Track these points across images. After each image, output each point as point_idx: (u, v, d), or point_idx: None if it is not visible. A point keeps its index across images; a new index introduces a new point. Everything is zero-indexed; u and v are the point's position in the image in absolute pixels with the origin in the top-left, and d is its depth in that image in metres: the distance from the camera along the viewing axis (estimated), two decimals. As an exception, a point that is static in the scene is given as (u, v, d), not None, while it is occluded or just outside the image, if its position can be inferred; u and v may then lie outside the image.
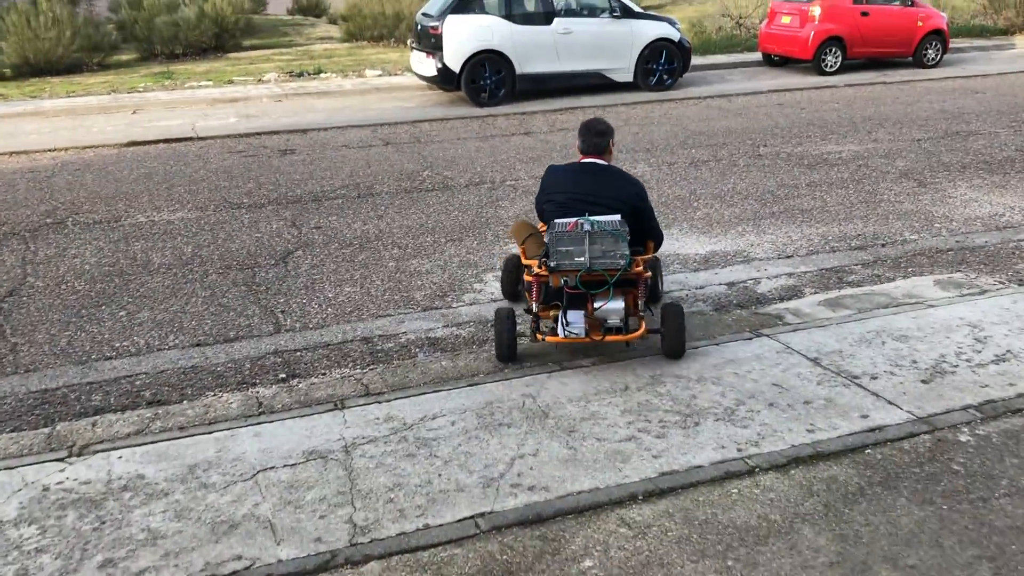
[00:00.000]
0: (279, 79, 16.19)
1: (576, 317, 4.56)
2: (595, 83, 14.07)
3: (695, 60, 16.58)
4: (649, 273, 4.77)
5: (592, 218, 4.50)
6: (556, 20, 13.54)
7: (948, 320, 5.01)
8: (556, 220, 4.62)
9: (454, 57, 13.06)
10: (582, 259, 4.43)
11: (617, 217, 4.54)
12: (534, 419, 4.10)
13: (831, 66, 15.47)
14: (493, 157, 10.09)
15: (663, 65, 14.24)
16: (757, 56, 17.25)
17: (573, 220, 4.53)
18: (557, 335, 4.57)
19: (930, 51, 16.03)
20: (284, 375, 4.87)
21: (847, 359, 4.59)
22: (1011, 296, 5.31)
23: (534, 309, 4.74)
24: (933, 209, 7.60)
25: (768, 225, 7.34)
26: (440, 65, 13.12)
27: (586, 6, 14.15)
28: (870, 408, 4.09)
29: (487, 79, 13.27)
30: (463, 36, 13.04)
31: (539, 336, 4.65)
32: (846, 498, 3.43)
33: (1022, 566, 3.03)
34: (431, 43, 13.28)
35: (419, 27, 13.99)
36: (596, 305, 4.52)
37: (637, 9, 14.30)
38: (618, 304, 4.53)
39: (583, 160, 4.90)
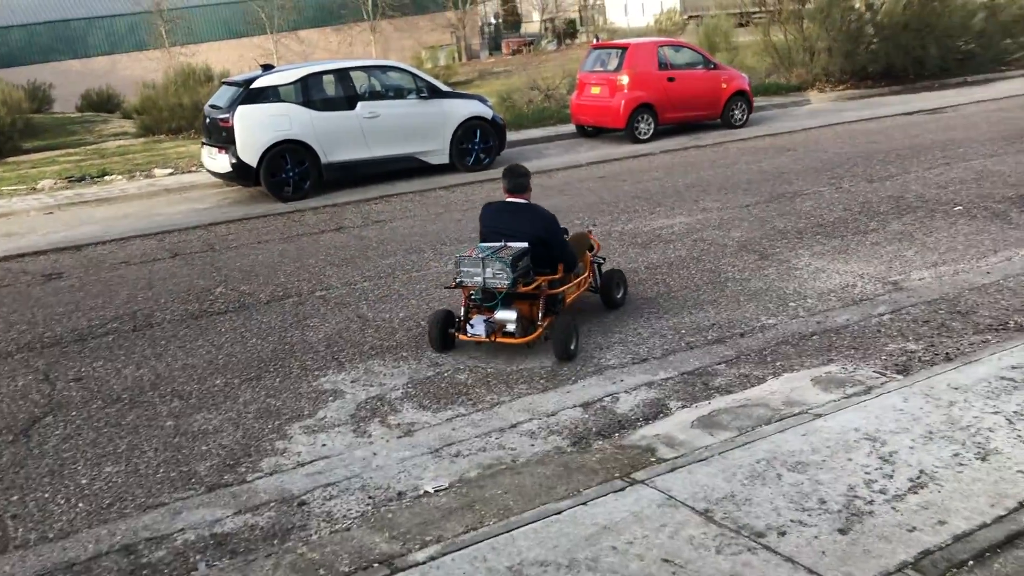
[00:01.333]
0: (54, 187, 14.31)
1: (478, 322, 5.82)
2: (411, 167, 13.19)
3: (510, 136, 16.08)
4: (556, 290, 5.97)
5: (496, 245, 5.85)
6: (360, 104, 12.59)
7: (843, 434, 4.25)
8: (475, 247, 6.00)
9: (249, 150, 11.81)
10: (479, 278, 5.75)
11: (525, 244, 5.83)
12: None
13: (645, 133, 15.33)
14: (300, 262, 8.88)
15: (479, 144, 13.56)
16: (571, 128, 16.97)
17: (473, 248, 5.99)
18: (468, 334, 5.84)
19: (736, 112, 16.26)
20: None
21: (743, 507, 3.71)
22: (899, 393, 4.65)
23: (462, 314, 5.99)
24: (783, 285, 7.05)
25: (613, 321, 6.53)
26: (234, 160, 11.82)
27: (392, 88, 13.33)
28: (787, 581, 3.20)
29: (289, 172, 12.09)
30: (257, 127, 11.84)
31: (460, 335, 5.91)
32: None
33: None
34: (222, 137, 11.99)
35: (207, 120, 12.67)
36: (497, 315, 5.78)
37: (445, 88, 13.62)
38: (510, 314, 5.76)
39: (506, 199, 6.16)
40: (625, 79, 15.10)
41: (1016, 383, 4.63)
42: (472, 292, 5.92)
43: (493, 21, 64.79)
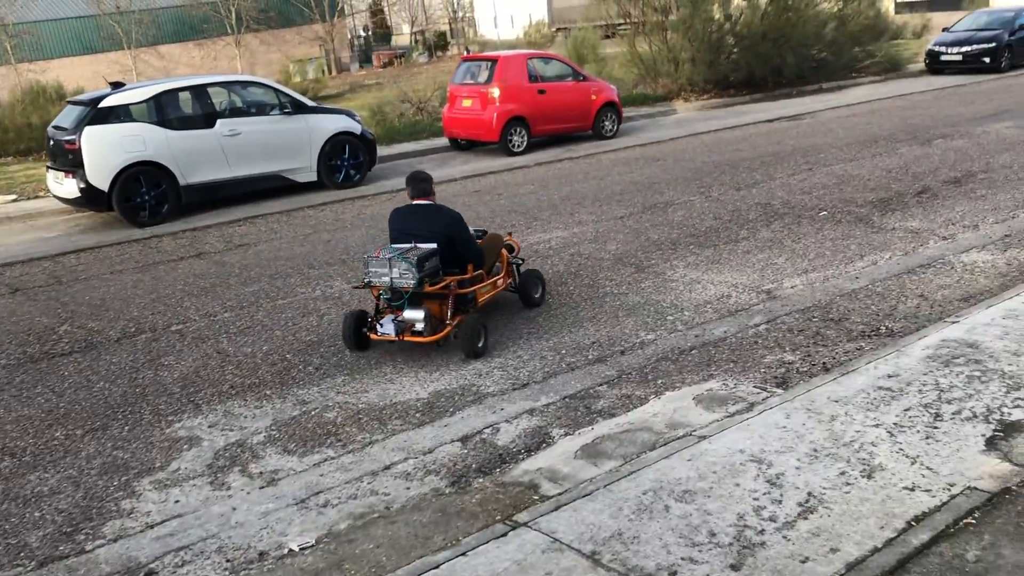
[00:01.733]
0: None
1: (387, 322, 5.96)
2: (277, 186, 12.62)
3: (382, 150, 15.71)
4: (465, 289, 6.16)
5: (405, 246, 6.01)
6: (220, 122, 11.96)
7: (729, 457, 4.12)
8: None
9: (100, 174, 11.01)
10: (386, 278, 5.90)
11: (433, 245, 6.02)
12: None
13: (518, 146, 15.22)
14: (155, 293, 8.26)
15: (348, 160, 13.12)
16: (444, 141, 16.70)
17: (380, 248, 6.13)
18: (379, 333, 5.99)
19: (607, 123, 16.36)
20: None
21: (632, 546, 3.50)
22: (781, 409, 4.57)
23: (372, 314, 6.18)
24: (660, 298, 6.97)
25: (492, 343, 6.28)
26: (83, 185, 11.00)
27: (253, 104, 12.73)
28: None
29: (145, 195, 11.34)
30: (108, 149, 11.05)
31: (371, 334, 6.06)
32: None
33: None
34: (69, 160, 11.14)
35: (52, 143, 11.77)
36: (405, 314, 5.94)
37: (311, 103, 13.12)
38: (418, 313, 5.93)
39: (412, 203, 6.37)
40: (496, 92, 14.95)
41: (893, 392, 4.62)
42: (381, 292, 6.04)
43: (363, 34, 64.02)
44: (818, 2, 22.29)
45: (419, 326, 5.92)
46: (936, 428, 4.19)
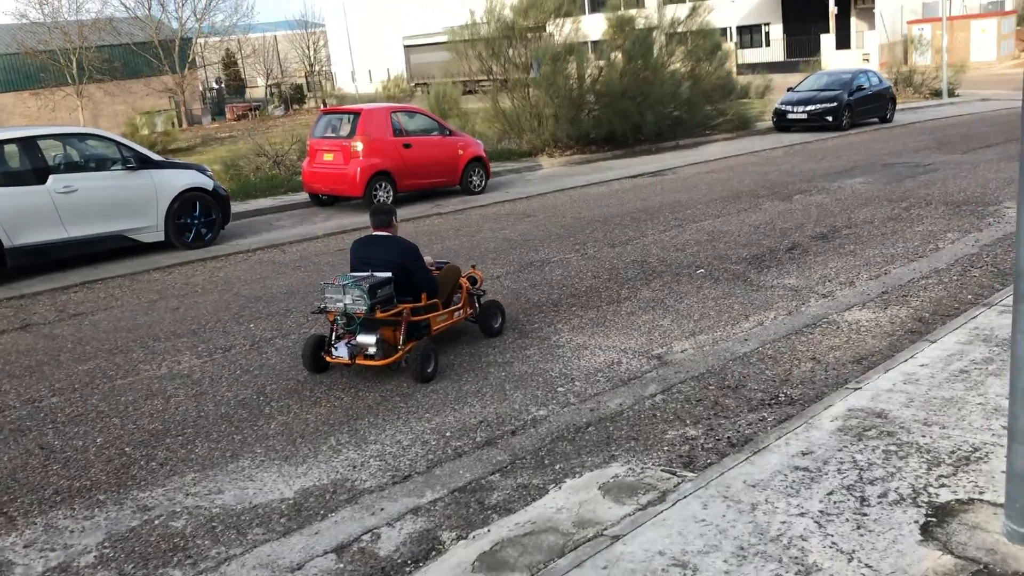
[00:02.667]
0: None
1: (341, 346, 6.22)
2: (120, 248, 11.52)
3: (237, 207, 14.80)
4: (418, 317, 6.46)
5: (361, 274, 6.31)
6: (53, 177, 10.82)
7: (648, 563, 3.62)
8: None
9: (-95, 236, 9.68)
10: (340, 304, 6.15)
11: (388, 274, 6.31)
12: None
13: (383, 201, 14.62)
14: (-33, 376, 7.13)
15: (199, 218, 12.16)
16: (304, 196, 15.91)
17: (335, 276, 6.42)
18: (334, 355, 6.24)
19: (475, 178, 16.04)
20: None
21: None
22: (697, 497, 4.13)
23: (330, 338, 6.37)
24: (548, 367, 6.50)
25: (367, 426, 5.62)
26: None
27: (92, 158, 11.64)
28: None
29: (-40, 260, 10.04)
30: (-86, 208, 9.74)
31: (327, 357, 6.32)
32: None
33: None
34: None
35: None
36: (358, 339, 6.19)
37: (157, 158, 12.11)
38: (370, 338, 6.18)
39: (372, 233, 6.70)
40: (360, 145, 14.35)
41: (811, 473, 4.27)
42: (337, 317, 6.28)
43: (216, 86, 62.12)
44: (672, 62, 22.97)
45: (371, 350, 6.22)
46: (865, 515, 3.84)
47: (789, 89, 25.24)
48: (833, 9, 45.97)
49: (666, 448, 5.00)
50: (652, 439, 5.14)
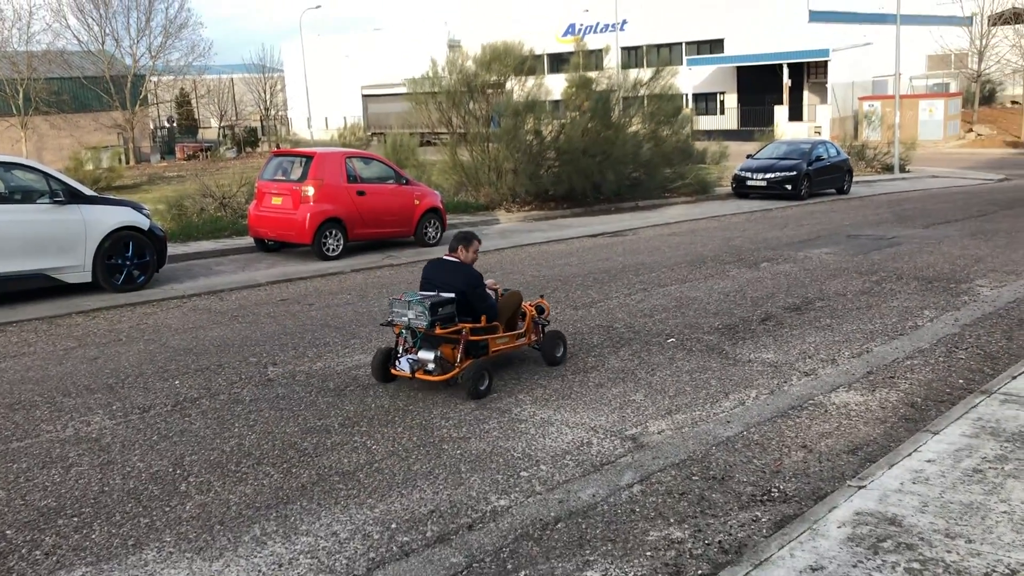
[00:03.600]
0: None
1: (404, 360, 6.78)
2: (42, 288, 10.58)
3: (177, 249, 13.98)
4: (477, 337, 6.91)
5: (428, 293, 6.91)
6: (-32, 208, 9.89)
7: None
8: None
9: None
10: (404, 319, 6.74)
11: (452, 295, 6.85)
12: None
13: (333, 250, 13.88)
14: None
15: (132, 259, 11.29)
16: (249, 241, 15.08)
17: (403, 292, 7.23)
18: (397, 369, 6.82)
19: (430, 229, 15.40)
20: None
21: None
22: (695, 625, 3.42)
23: (397, 351, 6.88)
24: (509, 446, 5.77)
25: (300, 512, 4.82)
26: None
27: (17, 189, 10.77)
28: None
29: None
30: None
31: (392, 369, 6.88)
32: None
33: None
34: None
35: None
36: (419, 354, 6.69)
37: (89, 193, 11.25)
38: (429, 354, 6.66)
39: (444, 257, 7.25)
40: (311, 190, 13.63)
41: (827, 597, 3.60)
42: (401, 330, 6.79)
43: (167, 124, 61.01)
44: (633, 123, 22.78)
45: (430, 366, 6.65)
46: (901, 658, 3.17)
47: (748, 156, 25.23)
48: (787, 82, 46.86)
49: (649, 554, 4.30)
50: (632, 541, 4.43)
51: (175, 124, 63.45)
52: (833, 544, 4.07)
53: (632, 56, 50.64)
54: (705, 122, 48.45)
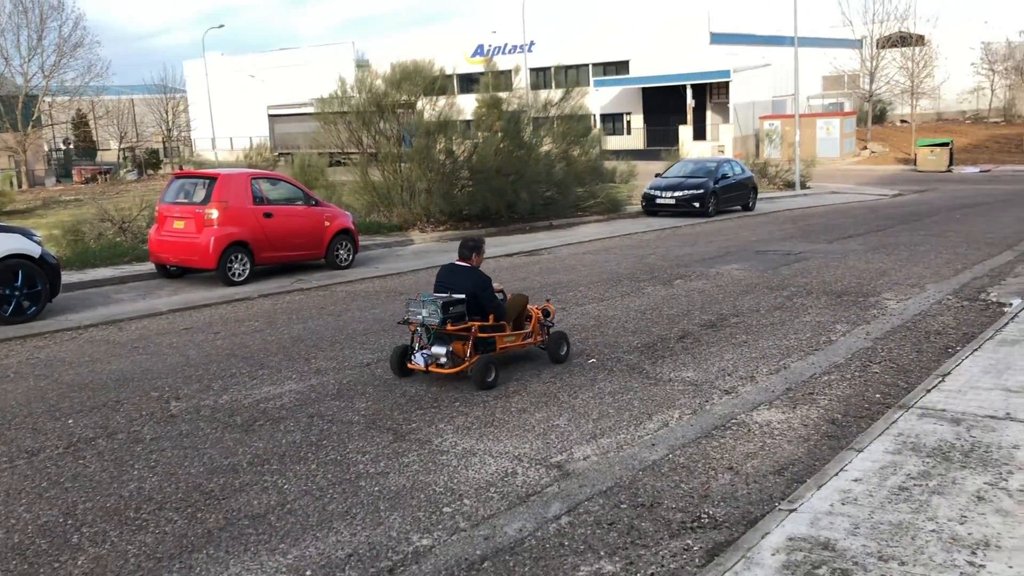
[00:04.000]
0: None
1: (419, 354, 7.52)
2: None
3: (73, 277, 13.28)
4: (485, 334, 7.68)
5: (441, 295, 7.68)
6: None
7: None
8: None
9: None
10: (419, 316, 7.52)
11: (462, 296, 7.60)
12: None
13: (240, 275, 13.36)
14: None
15: (21, 289, 10.62)
16: (150, 267, 14.40)
17: (419, 293, 8.20)
18: (413, 363, 7.54)
19: (342, 251, 15.01)
20: None
21: None
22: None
23: (412, 347, 7.66)
24: (431, 480, 5.52)
25: (204, 561, 4.46)
26: None
27: None
28: None
29: None
30: None
31: (409, 364, 7.59)
32: None
33: None
34: None
35: None
36: (432, 349, 7.48)
37: (-28, 218, 10.51)
38: (441, 349, 7.46)
39: (455, 262, 8.01)
40: (215, 213, 13.10)
41: (768, 631, 3.47)
42: (416, 328, 7.56)
43: (63, 146, 58.59)
44: (545, 143, 22.85)
45: (443, 360, 7.42)
46: None
47: (657, 175, 25.59)
48: (691, 102, 47.98)
49: (582, 591, 4.11)
50: (563, 578, 4.24)
51: (72, 146, 60.98)
52: (769, 573, 3.96)
53: (541, 77, 51.07)
54: (613, 142, 49.09)
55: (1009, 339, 8.23)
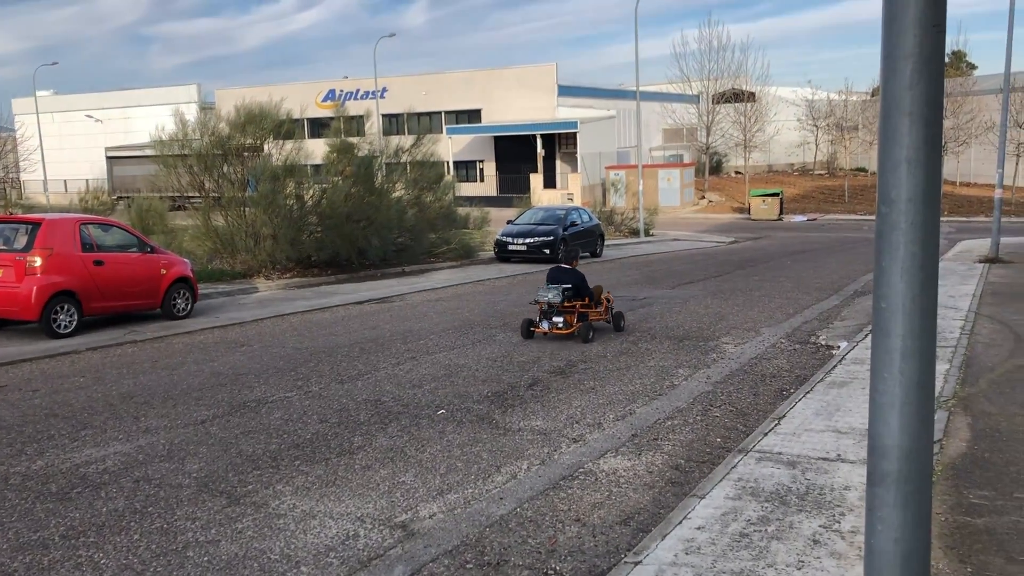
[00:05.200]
0: None
1: (544, 322, 11.83)
2: None
3: None
4: (584, 309, 12.09)
5: (556, 285, 11.92)
6: None
7: None
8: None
9: None
10: (546, 298, 11.78)
11: (569, 284, 11.89)
12: None
13: (66, 326, 12.44)
14: None
15: None
16: (-38, 319, 13.18)
17: (542, 285, 12.44)
18: (540, 328, 11.82)
19: (179, 300, 14.27)
20: None
21: None
22: None
23: (538, 316, 11.99)
24: (266, 546, 5.18)
25: (2, 655, 3.97)
26: None
27: None
28: None
29: None
30: None
31: (536, 329, 11.84)
32: None
33: None
34: None
35: None
36: (554, 319, 11.75)
37: None
38: (559, 319, 11.74)
39: (561, 265, 12.68)
40: (38, 261, 12.19)
41: None
42: (543, 306, 11.84)
43: None
44: (397, 188, 22.73)
45: (560, 324, 11.65)
46: None
47: (509, 222, 25.90)
48: (540, 151, 49.16)
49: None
50: (404, 647, 4.03)
51: None
52: (614, 630, 3.89)
53: (393, 123, 51.10)
54: (467, 189, 49.54)
55: (838, 381, 8.67)
